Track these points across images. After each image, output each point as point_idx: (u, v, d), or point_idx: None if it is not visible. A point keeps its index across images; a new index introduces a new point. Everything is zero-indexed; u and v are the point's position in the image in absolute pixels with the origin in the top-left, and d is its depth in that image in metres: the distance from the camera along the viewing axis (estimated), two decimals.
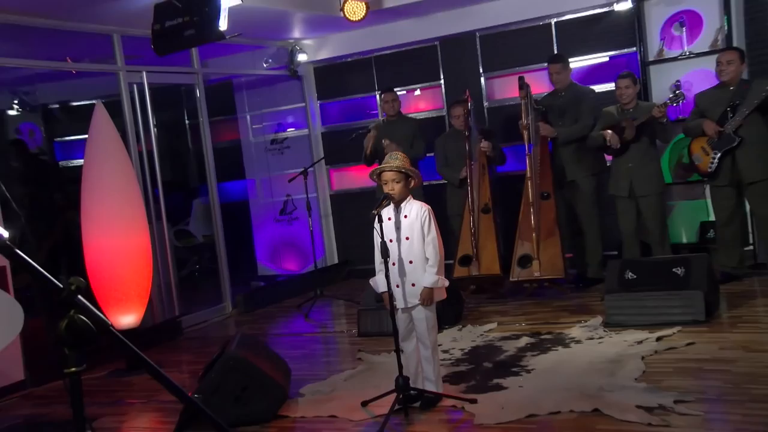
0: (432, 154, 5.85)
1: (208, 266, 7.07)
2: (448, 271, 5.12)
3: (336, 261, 7.13)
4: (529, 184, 5.05)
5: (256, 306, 6.08)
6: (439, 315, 3.29)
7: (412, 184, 3.14)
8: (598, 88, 5.48)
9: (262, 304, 6.13)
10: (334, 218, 7.14)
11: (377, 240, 3.04)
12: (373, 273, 3.21)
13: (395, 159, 3.11)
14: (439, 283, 3.08)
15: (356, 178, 6.95)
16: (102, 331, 1.28)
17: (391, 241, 3.08)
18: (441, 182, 6.08)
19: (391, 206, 3.14)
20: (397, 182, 3.09)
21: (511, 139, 5.98)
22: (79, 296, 1.28)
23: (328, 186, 7.15)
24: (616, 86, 4.88)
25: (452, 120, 5.60)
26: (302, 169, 5.77)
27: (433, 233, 3.08)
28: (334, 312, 5.76)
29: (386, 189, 3.09)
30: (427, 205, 3.13)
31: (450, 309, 4.53)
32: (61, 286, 1.27)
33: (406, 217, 3.11)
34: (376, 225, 3.01)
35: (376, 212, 2.99)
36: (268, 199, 7.31)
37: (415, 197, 3.21)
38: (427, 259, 3.07)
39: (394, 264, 3.08)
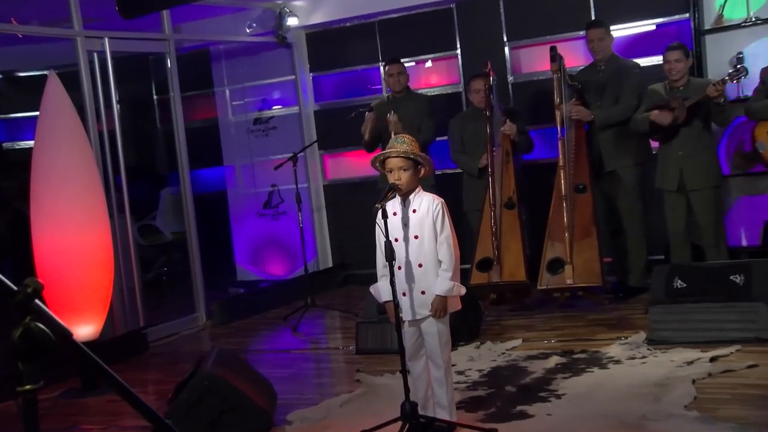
0: (445, 138, 5.86)
1: (179, 269, 7.10)
2: (464, 276, 5.13)
3: (330, 264, 7.15)
4: (562, 174, 5.05)
5: (235, 317, 6.11)
6: (454, 329, 3.30)
7: (422, 172, 3.13)
8: (644, 61, 5.47)
9: (242, 315, 6.15)
10: (328, 213, 7.16)
11: (380, 239, 3.05)
12: (374, 279, 3.23)
13: (402, 142, 3.11)
14: (454, 291, 3.08)
15: (355, 165, 6.96)
16: (64, 341, 1.24)
17: (396, 240, 3.09)
18: (456, 171, 6.08)
19: (398, 199, 3.14)
20: (404, 170, 3.09)
21: (541, 120, 5.99)
22: (37, 300, 1.25)
23: (322, 175, 7.17)
24: (664, 60, 4.85)
25: (470, 97, 5.62)
26: (291, 155, 5.77)
27: (448, 231, 3.08)
28: (327, 325, 5.78)
29: (391, 178, 3.10)
30: (440, 198, 3.13)
31: (466, 322, 4.55)
32: (15, 288, 1.23)
33: (414, 211, 3.11)
34: (380, 221, 3.00)
35: (379, 206, 2.96)
36: (250, 190, 7.33)
37: (425, 189, 3.22)
38: (440, 262, 3.08)
39: (400, 268, 3.09)
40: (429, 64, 6.67)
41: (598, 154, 5.26)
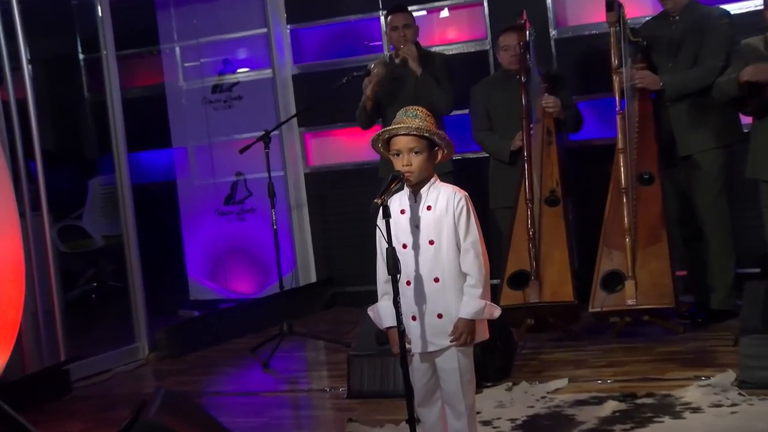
0: (465, 111, 5.85)
1: (113, 284, 7.09)
2: (493, 295, 5.14)
3: (313, 279, 7.17)
4: (621, 160, 5.05)
5: (188, 348, 6.11)
6: (478, 365, 3.29)
7: (440, 156, 3.15)
8: (734, 7, 5.46)
9: (196, 346, 6.15)
10: (311, 211, 7.17)
11: (381, 246, 3.08)
12: (372, 298, 3.24)
13: (414, 116, 3.11)
14: (484, 314, 3.10)
15: (347, 147, 6.97)
16: None
17: (405, 247, 3.11)
18: (480, 155, 6.08)
19: (406, 192, 3.16)
20: (416, 153, 3.09)
21: (593, 89, 5.99)
22: None
23: (303, 160, 7.18)
24: (765, 5, 4.76)
25: (500, 57, 5.63)
26: (262, 133, 5.77)
27: (475, 235, 3.10)
28: (309, 359, 5.77)
29: (398, 164, 3.11)
30: (463, 191, 3.15)
31: (494, 356, 4.54)
32: None
33: (429, 209, 3.12)
34: (380, 221, 3.01)
35: (380, 201, 2.98)
36: (207, 180, 7.34)
37: (442, 179, 3.23)
38: (465, 276, 3.10)
39: (409, 283, 3.10)
40: (445, 13, 6.66)
41: (670, 133, 5.25)
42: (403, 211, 3.14)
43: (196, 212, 7.36)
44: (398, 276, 2.96)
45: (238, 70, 7.24)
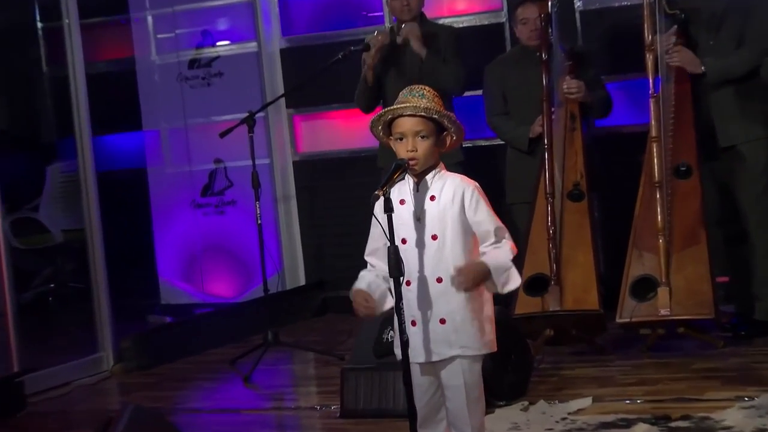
0: (477, 93, 5.85)
1: (73, 286, 7.09)
2: (507, 301, 5.10)
3: (302, 282, 7.19)
4: (655, 150, 5.06)
5: (158, 359, 6.12)
6: (489, 381, 3.31)
7: (448, 143, 3.16)
8: None
9: (168, 356, 6.17)
10: (300, 204, 7.19)
11: (376, 239, 3.13)
12: None
13: (420, 95, 3.13)
14: (504, 275, 3.10)
15: (343, 131, 7.00)
16: None
17: (404, 242, 3.13)
18: (493, 143, 6.11)
19: (408, 182, 3.17)
20: (422, 137, 3.10)
21: (623, 68, 6.01)
22: None
23: (292, 146, 7.20)
24: None
25: (517, 31, 5.65)
26: (245, 115, 5.79)
27: (498, 223, 3.15)
28: (296, 373, 5.80)
29: (401, 150, 3.12)
30: (473, 182, 3.17)
31: (508, 371, 4.53)
32: None
33: (433, 199, 3.14)
34: (380, 216, 3.03)
35: (380, 193, 3.00)
36: (183, 168, 7.36)
37: (452, 169, 3.26)
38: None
39: (408, 284, 3.12)
40: None
41: (710, 120, 5.26)
42: (403, 202, 3.15)
43: (170, 204, 7.37)
44: (402, 278, 2.98)
45: (219, 43, 7.25)
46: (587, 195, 5.28)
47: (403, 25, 5.67)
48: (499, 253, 3.10)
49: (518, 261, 5.17)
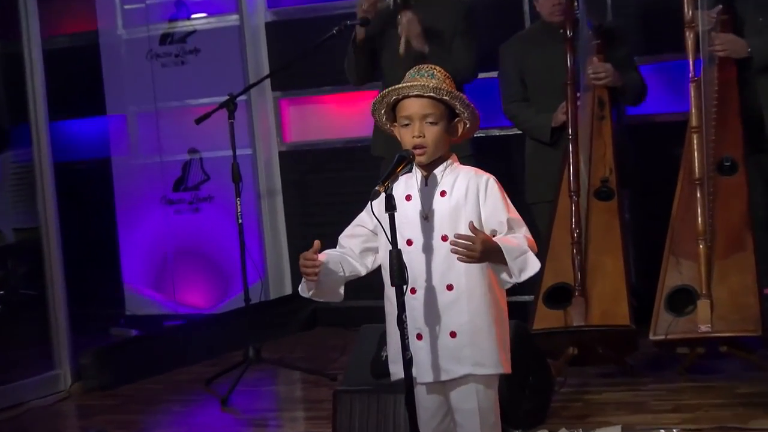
0: (491, 75, 5.87)
1: (25, 293, 7.06)
2: (525, 314, 5.10)
3: (289, 290, 7.20)
4: (695, 141, 5.07)
5: (123, 378, 6.11)
6: (505, 406, 3.33)
7: (460, 130, 3.18)
8: None
9: (134, 375, 6.16)
10: (287, 202, 7.21)
11: (382, 246, 3.13)
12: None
13: (430, 75, 3.14)
14: (525, 261, 3.08)
15: (337, 118, 7.01)
16: None
17: (410, 243, 3.15)
18: (510, 133, 6.13)
19: (414, 174, 3.19)
20: (431, 123, 3.12)
21: (659, 48, 6.02)
22: None
23: (278, 134, 7.22)
24: None
25: (538, 6, 5.65)
26: (226, 98, 5.80)
27: (519, 219, 3.15)
28: (281, 395, 5.80)
29: (407, 136, 3.14)
30: (487, 174, 3.19)
31: (526, 395, 4.51)
32: None
33: (444, 195, 3.16)
34: (381, 215, 3.04)
35: (382, 188, 3.00)
36: (152, 158, 7.36)
37: (462, 161, 3.28)
38: (487, 283, 3.15)
39: (414, 292, 3.13)
40: None
41: (758, 109, 5.27)
42: (409, 197, 3.17)
43: (137, 200, 7.37)
44: (405, 287, 2.98)
45: (195, 16, 7.25)
46: (617, 193, 5.27)
47: (399, 16, 5.63)
48: (514, 238, 3.10)
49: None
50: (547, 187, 5.49)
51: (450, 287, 3.11)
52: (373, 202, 3.04)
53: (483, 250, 3.00)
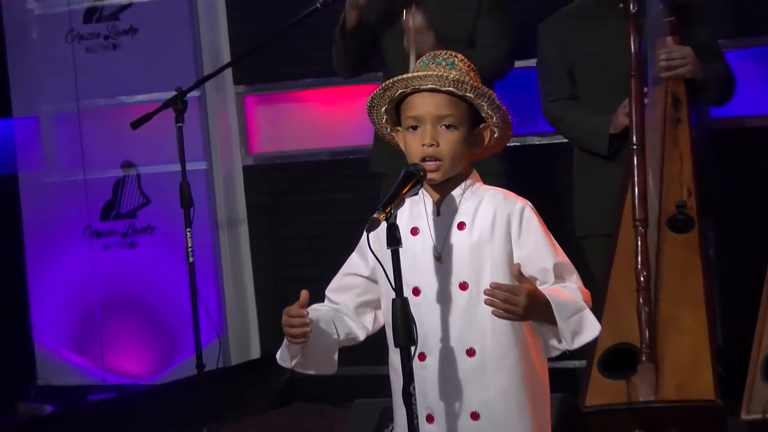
0: (526, 65, 5.95)
1: None
2: (572, 385, 5.10)
3: (256, 353, 7.26)
4: None
5: None
6: None
7: (486, 139, 3.22)
8: None
9: None
10: (255, 233, 7.25)
11: (384, 293, 3.16)
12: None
13: (450, 65, 3.18)
14: (582, 322, 3.13)
15: (320, 121, 7.06)
16: None
17: (417, 293, 3.19)
18: (553, 141, 6.19)
19: (423, 200, 3.23)
20: (449, 127, 3.15)
21: (752, 28, 6.08)
22: None
23: (242, 143, 7.26)
24: None
25: None
26: (172, 94, 5.83)
27: (565, 261, 3.21)
28: None
29: (415, 145, 3.16)
30: (523, 199, 3.23)
31: None
32: None
33: (462, 227, 3.20)
34: (375, 244, 3.05)
35: (381, 216, 2.99)
36: (73, 175, 7.40)
37: (486, 180, 3.32)
38: (518, 347, 3.19)
39: (423, 358, 3.17)
40: None
41: None
42: (415, 231, 3.20)
43: (53, 231, 7.39)
44: (413, 349, 2.99)
45: None
46: (698, 222, 5.27)
47: (405, 16, 5.62)
48: (565, 290, 3.12)
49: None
50: (604, 215, 5.47)
51: (471, 352, 3.15)
52: (370, 235, 3.02)
53: (528, 305, 2.99)
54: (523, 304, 2.97)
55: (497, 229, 3.14)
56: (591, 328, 3.12)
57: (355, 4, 5.66)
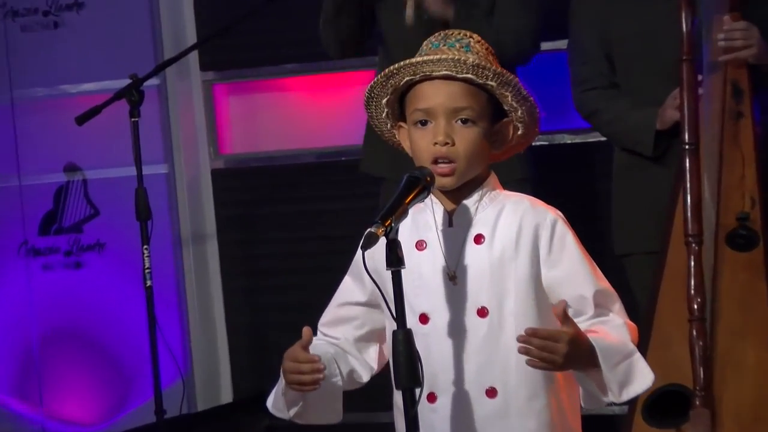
0: (557, 47, 6.00)
1: None
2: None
3: (227, 397, 7.29)
4: None
5: None
6: None
7: (510, 135, 3.26)
8: None
9: None
10: (226, 251, 7.29)
11: (349, 295, 3.33)
12: None
13: (463, 46, 3.20)
14: (630, 370, 3.16)
15: (305, 116, 7.08)
16: None
17: (424, 321, 3.24)
18: (590, 140, 6.21)
19: (431, 208, 3.27)
20: (465, 122, 3.19)
21: None
22: None
23: (209, 141, 7.30)
24: None
25: None
26: (127, 83, 5.83)
27: (605, 286, 3.25)
28: None
29: (425, 145, 3.20)
30: (554, 209, 3.28)
31: None
32: None
33: (480, 241, 3.24)
34: (372, 264, 3.06)
35: (379, 230, 2.97)
36: (6, 180, 7.44)
37: (506, 185, 3.40)
38: (547, 386, 3.23)
39: (433, 399, 3.23)
40: None
41: None
42: (422, 245, 3.25)
43: None
44: (419, 390, 2.98)
45: None
46: (763, 238, 5.27)
47: None
48: (612, 329, 3.16)
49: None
50: (649, 229, 5.50)
51: (492, 392, 3.19)
52: (366, 252, 2.99)
53: (569, 353, 3.01)
54: (563, 352, 2.98)
55: (523, 242, 3.16)
56: (643, 378, 3.16)
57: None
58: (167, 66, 6.37)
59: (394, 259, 2.96)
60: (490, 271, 3.15)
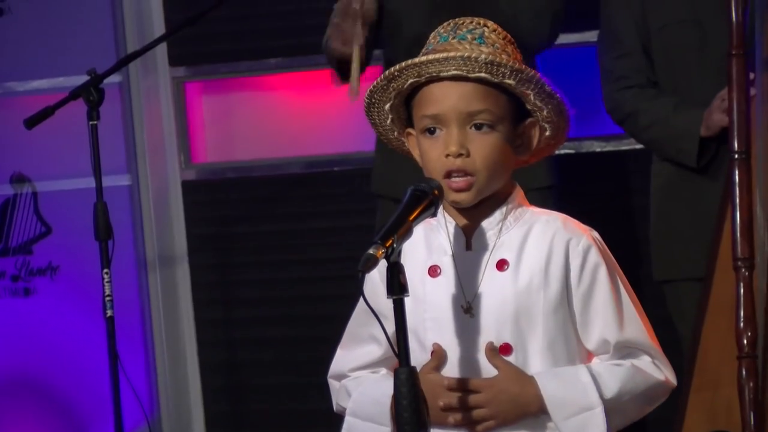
0: (587, 39, 6.00)
1: None
2: None
3: None
4: None
5: None
6: None
7: (534, 140, 3.29)
8: None
9: None
10: (198, 278, 7.33)
11: (360, 341, 3.40)
12: None
13: (475, 37, 3.22)
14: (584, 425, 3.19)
15: (291, 119, 7.10)
16: None
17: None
18: (624, 148, 6.24)
19: (443, 226, 3.32)
20: (481, 127, 3.20)
21: None
22: None
23: (180, 149, 7.33)
24: None
25: None
26: (84, 80, 5.82)
27: (640, 328, 3.34)
28: None
29: (435, 156, 3.22)
30: (588, 229, 3.31)
31: None
32: None
33: (503, 267, 3.26)
34: (371, 290, 3.10)
35: (379, 251, 2.94)
36: None
37: (526, 194, 3.43)
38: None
39: None
40: None
41: None
42: (435, 271, 3.28)
43: None
44: None
45: None
46: None
47: None
48: (606, 369, 3.22)
49: (676, 397, 5.17)
50: (692, 251, 5.52)
51: None
52: (367, 280, 2.99)
53: (501, 402, 3.14)
54: (487, 402, 3.12)
55: (553, 269, 3.18)
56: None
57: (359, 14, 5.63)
58: (131, 60, 6.37)
59: (396, 285, 2.94)
60: (514, 301, 3.16)
